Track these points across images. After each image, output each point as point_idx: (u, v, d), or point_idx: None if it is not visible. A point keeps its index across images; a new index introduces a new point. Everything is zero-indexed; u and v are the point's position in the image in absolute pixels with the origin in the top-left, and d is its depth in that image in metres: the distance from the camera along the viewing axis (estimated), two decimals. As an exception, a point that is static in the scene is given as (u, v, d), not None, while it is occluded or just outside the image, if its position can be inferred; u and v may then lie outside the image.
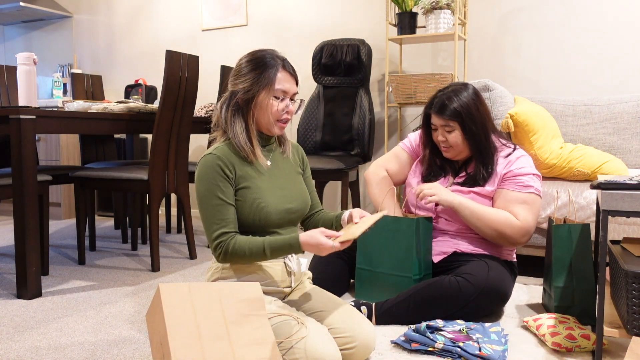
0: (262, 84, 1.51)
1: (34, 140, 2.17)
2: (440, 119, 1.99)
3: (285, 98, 1.54)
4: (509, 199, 1.95)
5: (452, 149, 2.02)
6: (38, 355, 1.64)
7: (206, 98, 4.23)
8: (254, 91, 1.51)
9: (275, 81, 1.51)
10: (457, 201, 1.93)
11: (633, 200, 1.38)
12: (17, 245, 2.18)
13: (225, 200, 1.48)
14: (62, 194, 4.22)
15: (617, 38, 3.06)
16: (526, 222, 1.92)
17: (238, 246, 1.45)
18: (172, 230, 3.77)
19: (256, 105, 1.53)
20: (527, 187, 1.95)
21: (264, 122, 1.55)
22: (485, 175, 1.99)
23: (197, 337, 1.24)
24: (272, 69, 1.52)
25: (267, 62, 1.53)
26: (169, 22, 4.42)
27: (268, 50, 1.56)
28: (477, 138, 1.97)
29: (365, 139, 3.34)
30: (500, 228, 1.91)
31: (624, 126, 2.69)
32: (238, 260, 1.48)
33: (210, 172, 1.49)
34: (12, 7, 4.50)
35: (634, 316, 1.41)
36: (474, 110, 1.96)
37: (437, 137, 2.04)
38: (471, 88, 2.01)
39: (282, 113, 1.54)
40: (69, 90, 4.59)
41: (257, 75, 1.52)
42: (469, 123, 1.95)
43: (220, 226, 1.47)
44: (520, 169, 1.97)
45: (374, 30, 3.68)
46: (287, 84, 1.53)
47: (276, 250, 1.46)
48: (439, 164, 2.11)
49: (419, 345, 1.62)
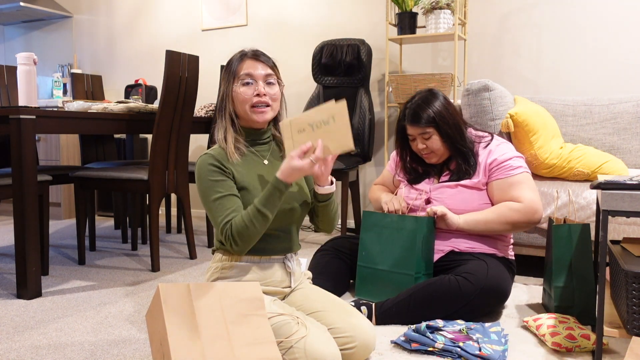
0: (229, 78, 1.55)
1: (34, 140, 2.17)
2: (416, 128, 2.03)
3: (254, 83, 1.53)
4: (504, 187, 1.99)
5: (433, 154, 2.06)
6: (38, 355, 1.64)
7: (206, 98, 4.23)
8: (225, 88, 1.55)
9: (238, 69, 1.54)
10: (462, 220, 1.97)
11: (633, 200, 1.38)
12: (17, 245, 2.18)
13: (223, 193, 1.49)
14: (62, 194, 4.22)
15: (617, 38, 3.06)
16: (530, 200, 1.96)
17: (237, 225, 1.44)
18: (172, 230, 3.77)
19: (231, 101, 1.56)
20: (515, 168, 2.00)
21: (242, 113, 1.56)
22: (468, 169, 2.04)
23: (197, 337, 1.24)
24: (238, 60, 1.56)
25: (233, 58, 1.58)
26: (169, 22, 4.42)
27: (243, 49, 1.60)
28: (453, 138, 2.02)
29: (365, 139, 3.34)
30: (509, 219, 1.95)
31: (624, 126, 2.69)
32: (247, 237, 1.45)
33: (205, 170, 1.51)
34: (12, 7, 4.50)
35: (634, 316, 1.41)
36: (445, 113, 2.01)
37: (416, 146, 2.07)
38: (437, 92, 2.06)
39: (252, 97, 1.53)
40: (69, 90, 4.59)
41: (226, 72, 1.57)
42: (443, 126, 2.00)
43: (223, 217, 1.47)
44: (503, 155, 2.02)
45: (374, 30, 3.68)
46: (252, 68, 1.54)
47: (268, 202, 1.44)
48: (421, 171, 2.15)
49: (419, 345, 1.62)
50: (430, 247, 1.97)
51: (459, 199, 2.01)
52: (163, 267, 2.72)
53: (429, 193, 2.08)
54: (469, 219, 1.98)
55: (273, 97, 1.56)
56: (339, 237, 2.23)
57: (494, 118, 2.56)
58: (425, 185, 2.10)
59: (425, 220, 1.94)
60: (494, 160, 2.02)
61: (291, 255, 1.61)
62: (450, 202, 2.02)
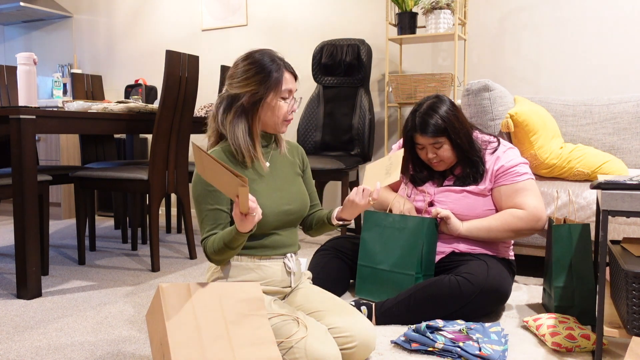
0: (269, 87, 1.51)
1: (34, 140, 2.17)
2: (427, 138, 1.99)
3: (290, 98, 1.57)
4: (509, 193, 1.99)
5: (442, 162, 2.05)
6: (38, 355, 1.64)
7: (206, 98, 4.24)
8: (262, 94, 1.51)
9: (280, 82, 1.53)
10: (464, 228, 1.97)
11: (633, 200, 1.38)
12: (17, 245, 2.18)
13: (215, 206, 1.50)
14: (62, 194, 4.22)
15: (616, 38, 3.06)
16: (533, 208, 1.97)
17: (210, 245, 1.47)
18: (172, 230, 3.77)
19: (263, 107, 1.53)
20: (521, 175, 2.00)
21: (271, 123, 1.56)
22: (475, 175, 2.03)
23: (197, 337, 1.24)
24: (277, 71, 1.53)
25: (271, 64, 1.53)
26: (169, 22, 4.42)
27: (266, 51, 1.56)
28: (463, 147, 2.01)
29: (365, 139, 3.34)
30: (512, 227, 1.96)
31: (624, 126, 2.69)
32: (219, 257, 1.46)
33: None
34: (12, 7, 4.50)
35: (634, 316, 1.41)
36: (455, 121, 1.99)
37: (425, 155, 2.05)
38: (445, 99, 2.03)
39: (288, 113, 1.57)
40: (69, 90, 4.59)
41: (263, 78, 1.51)
42: (454, 135, 1.98)
43: (206, 230, 1.51)
44: (510, 162, 2.02)
45: (374, 30, 3.68)
46: (292, 84, 1.56)
47: (229, 241, 1.40)
48: (425, 174, 2.14)
49: (419, 345, 1.62)
50: (432, 249, 1.97)
51: (464, 204, 2.01)
52: (163, 267, 2.72)
53: (432, 195, 2.07)
54: (471, 227, 1.98)
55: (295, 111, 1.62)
56: (339, 237, 2.23)
57: (494, 118, 2.56)
58: (430, 187, 2.10)
59: (427, 221, 1.94)
60: (501, 166, 2.01)
61: (291, 255, 1.61)
62: (455, 206, 2.01)
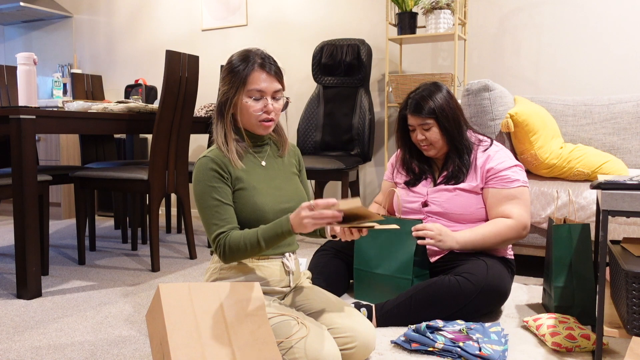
0: (235, 85, 1.50)
1: (34, 140, 2.17)
2: (417, 119, 2.04)
3: (263, 97, 1.51)
4: (498, 197, 1.99)
5: (432, 146, 2.06)
6: (38, 355, 1.64)
7: (206, 98, 4.24)
8: (230, 93, 1.51)
9: (248, 81, 1.50)
10: (458, 245, 1.95)
11: (633, 200, 1.38)
12: (17, 245, 2.18)
13: (221, 200, 1.48)
14: (62, 194, 4.22)
15: (617, 38, 3.06)
16: (521, 217, 1.97)
17: (233, 241, 1.43)
18: (172, 230, 3.77)
19: (234, 107, 1.53)
20: (513, 181, 2.00)
21: (248, 124, 1.54)
22: (464, 170, 2.04)
23: (197, 337, 1.24)
24: (246, 69, 1.50)
25: (243, 61, 1.51)
26: (169, 22, 4.42)
27: (252, 50, 1.54)
28: (451, 133, 2.02)
29: (365, 139, 3.34)
30: (502, 236, 1.95)
31: (624, 126, 2.69)
32: (238, 256, 1.45)
33: (204, 174, 1.49)
34: (12, 7, 4.50)
35: (634, 316, 1.41)
36: (446, 107, 2.02)
37: (416, 137, 2.08)
38: (442, 85, 2.07)
39: (260, 113, 1.51)
40: (69, 90, 4.60)
41: (232, 76, 1.51)
42: (443, 119, 2.01)
43: (218, 227, 1.47)
44: (501, 164, 2.01)
45: (374, 30, 3.68)
46: (264, 83, 1.50)
47: (270, 240, 1.41)
48: (418, 171, 2.14)
49: (419, 345, 1.62)
50: (423, 249, 1.98)
51: (457, 203, 2.01)
52: (163, 267, 2.72)
53: (426, 196, 2.08)
54: (466, 242, 1.94)
55: (278, 112, 1.56)
56: (339, 237, 2.23)
57: (494, 118, 2.56)
58: (423, 189, 2.10)
59: (416, 223, 1.95)
60: (492, 168, 2.01)
61: (289, 255, 1.61)
62: (449, 205, 2.02)
